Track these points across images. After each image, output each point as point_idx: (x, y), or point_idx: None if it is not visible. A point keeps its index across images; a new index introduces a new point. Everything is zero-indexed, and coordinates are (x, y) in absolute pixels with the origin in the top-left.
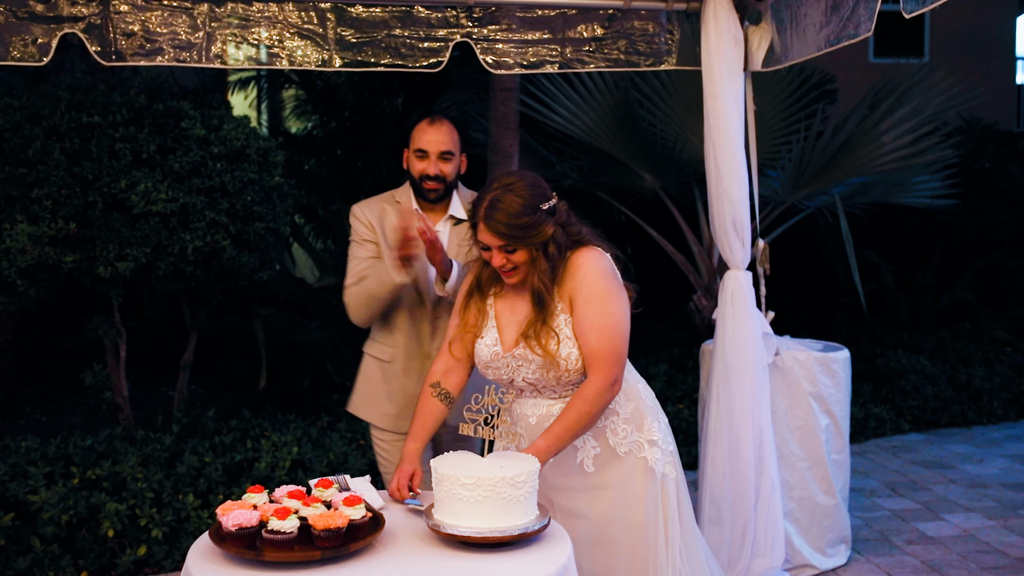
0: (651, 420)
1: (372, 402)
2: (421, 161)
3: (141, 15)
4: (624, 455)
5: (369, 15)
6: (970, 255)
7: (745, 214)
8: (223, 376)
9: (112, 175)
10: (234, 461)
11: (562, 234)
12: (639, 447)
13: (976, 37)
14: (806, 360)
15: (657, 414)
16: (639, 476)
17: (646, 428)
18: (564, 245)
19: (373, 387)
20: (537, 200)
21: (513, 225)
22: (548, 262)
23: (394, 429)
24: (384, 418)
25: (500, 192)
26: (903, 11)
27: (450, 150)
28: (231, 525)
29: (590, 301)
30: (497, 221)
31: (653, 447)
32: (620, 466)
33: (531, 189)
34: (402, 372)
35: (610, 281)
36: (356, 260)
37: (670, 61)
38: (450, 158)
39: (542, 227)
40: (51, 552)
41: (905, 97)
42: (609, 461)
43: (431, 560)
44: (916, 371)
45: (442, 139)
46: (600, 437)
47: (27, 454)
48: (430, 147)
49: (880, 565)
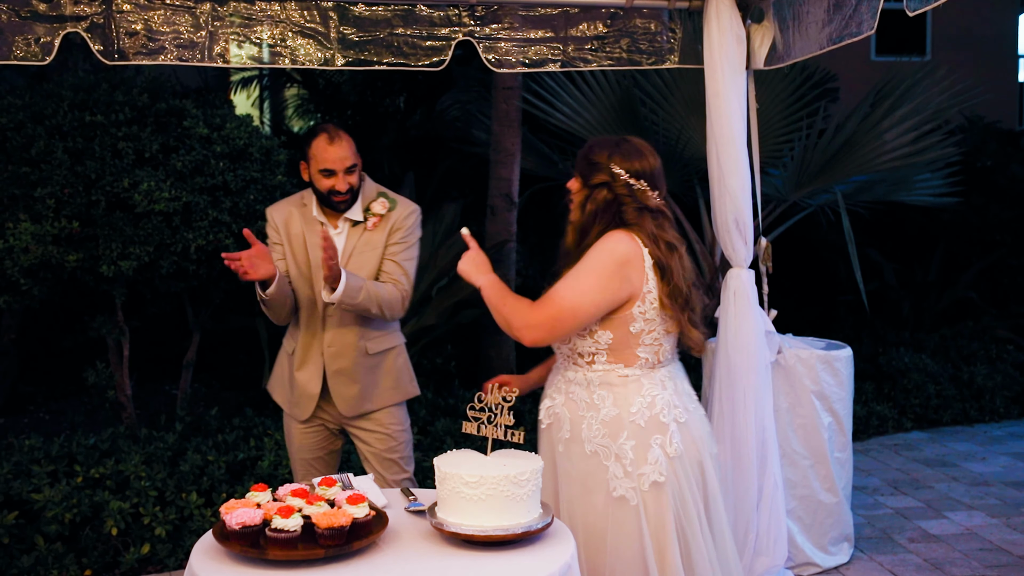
0: (627, 438)
1: (279, 389)
2: (328, 179)
3: (144, 14)
4: (590, 453)
5: (371, 14)
6: (972, 253)
7: (747, 212)
8: (226, 375)
9: (115, 174)
10: (237, 459)
11: (609, 202)
12: (606, 454)
13: (978, 35)
14: (809, 358)
15: (646, 436)
16: (599, 479)
17: (619, 443)
18: (606, 214)
19: (282, 372)
20: (613, 156)
21: (583, 153)
22: (582, 215)
23: (292, 415)
24: (286, 403)
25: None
26: (907, 9)
27: (354, 163)
28: (235, 523)
29: (580, 262)
30: (582, 148)
31: (617, 462)
32: (585, 461)
33: (620, 148)
34: (299, 364)
35: (604, 260)
36: None
37: (672, 59)
38: (354, 169)
39: (599, 174)
40: (55, 550)
41: (907, 95)
42: (575, 450)
43: (434, 558)
44: (918, 369)
45: (346, 155)
46: (576, 427)
47: (31, 453)
48: (336, 165)
49: (883, 563)
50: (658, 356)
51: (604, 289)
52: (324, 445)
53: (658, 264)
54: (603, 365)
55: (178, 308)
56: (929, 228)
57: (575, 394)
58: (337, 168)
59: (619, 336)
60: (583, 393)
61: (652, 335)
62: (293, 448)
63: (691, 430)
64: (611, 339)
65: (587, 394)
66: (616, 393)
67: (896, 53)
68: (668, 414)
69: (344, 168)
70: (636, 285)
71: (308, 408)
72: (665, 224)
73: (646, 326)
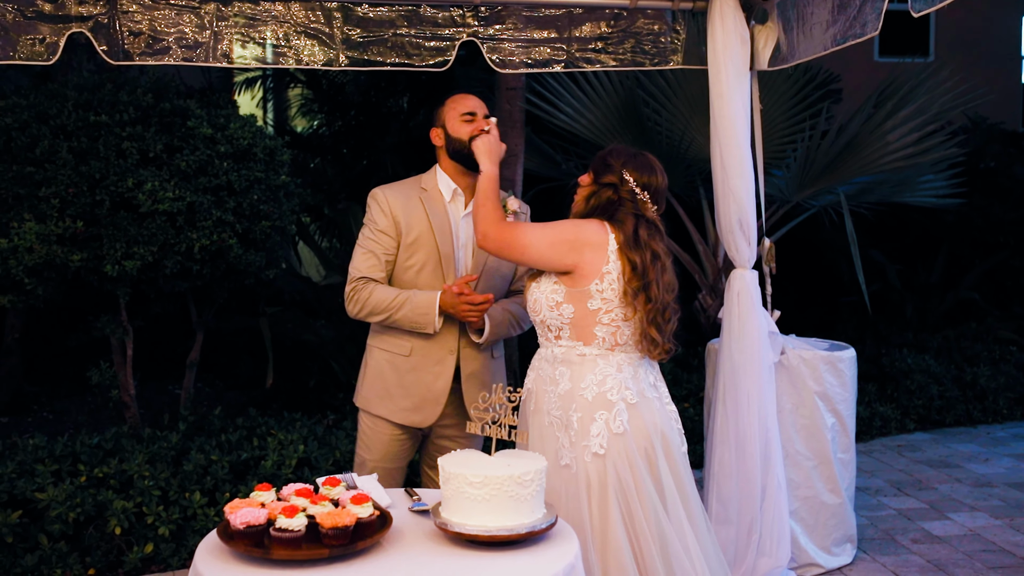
0: (575, 410)
1: (386, 398)
2: (470, 124)
3: (148, 14)
4: (547, 424)
5: (375, 14)
6: (976, 255)
7: (751, 213)
8: (229, 374)
9: (119, 174)
10: (241, 459)
11: (611, 201)
12: (558, 425)
13: (982, 37)
14: (812, 359)
15: (591, 410)
16: (552, 449)
17: (567, 415)
18: (604, 211)
19: (387, 382)
20: (628, 165)
21: (601, 155)
22: (584, 206)
23: (410, 423)
24: (400, 413)
25: (628, 148)
26: (911, 10)
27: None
28: (239, 523)
29: (554, 221)
30: (603, 149)
31: (565, 433)
32: (543, 431)
33: (635, 159)
34: (420, 365)
35: (567, 227)
36: (367, 253)
37: (676, 60)
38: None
39: (610, 175)
40: (58, 550)
41: (910, 96)
42: (537, 421)
43: (438, 558)
44: (921, 370)
45: (481, 103)
46: (539, 400)
47: (34, 452)
48: (478, 108)
49: (886, 564)
50: (615, 338)
51: (553, 246)
52: (409, 454)
53: (627, 257)
54: (567, 341)
55: (182, 308)
56: (932, 229)
57: (543, 370)
58: (478, 112)
59: (579, 311)
60: (548, 369)
61: (610, 315)
62: (377, 456)
63: (643, 414)
64: (572, 313)
65: (551, 370)
66: (573, 370)
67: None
68: (617, 393)
69: (483, 114)
70: (588, 261)
71: (434, 413)
72: (656, 236)
73: (603, 306)
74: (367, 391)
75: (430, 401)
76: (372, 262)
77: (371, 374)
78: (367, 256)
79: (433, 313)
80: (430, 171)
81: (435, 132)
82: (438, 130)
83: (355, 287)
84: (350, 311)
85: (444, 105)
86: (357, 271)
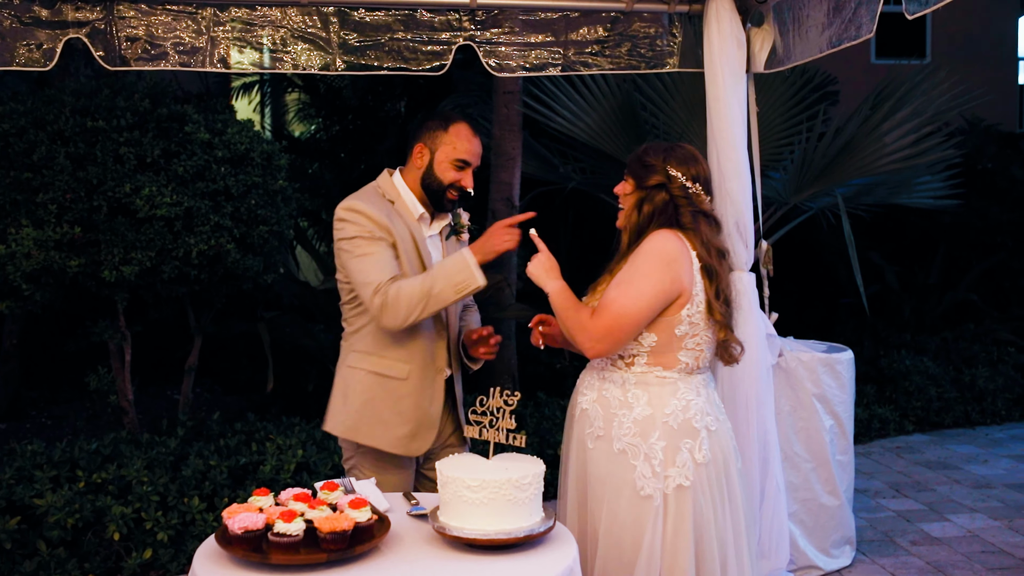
0: (659, 438)
1: (379, 426)
2: (459, 172)
3: (145, 20)
4: (618, 452)
5: (372, 19)
6: (973, 256)
7: (748, 215)
8: (228, 379)
9: (117, 179)
10: (239, 464)
11: (666, 203)
12: (635, 452)
13: (978, 38)
14: (810, 361)
15: (676, 439)
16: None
17: (649, 442)
18: (663, 215)
19: (377, 408)
20: (669, 160)
21: (636, 157)
22: (638, 216)
23: (407, 452)
24: (396, 442)
25: (661, 143)
26: (905, 12)
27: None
28: (237, 528)
29: (629, 264)
30: (634, 152)
31: (646, 462)
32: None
33: (674, 152)
34: (417, 390)
35: (653, 261)
36: (372, 258)
37: (672, 63)
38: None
39: (655, 175)
40: (57, 556)
41: (907, 98)
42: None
43: (436, 562)
44: (920, 372)
45: (481, 152)
46: (608, 424)
47: (33, 458)
48: (474, 160)
49: (884, 566)
50: (698, 362)
51: (657, 290)
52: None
53: (706, 268)
54: (642, 367)
55: (180, 313)
56: (930, 231)
57: (609, 391)
58: (473, 163)
59: (663, 339)
60: (617, 391)
61: (695, 339)
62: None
63: (720, 440)
64: (655, 342)
65: (621, 392)
66: (652, 393)
67: (896, 56)
68: (700, 420)
69: (477, 165)
70: (686, 284)
71: (429, 438)
72: (717, 231)
73: (690, 330)
74: (354, 418)
75: (426, 426)
76: (382, 264)
77: (356, 400)
78: (374, 260)
79: (470, 263)
80: (387, 180)
81: (420, 149)
82: (424, 149)
83: (382, 292)
84: (393, 320)
85: (446, 129)
86: (373, 279)
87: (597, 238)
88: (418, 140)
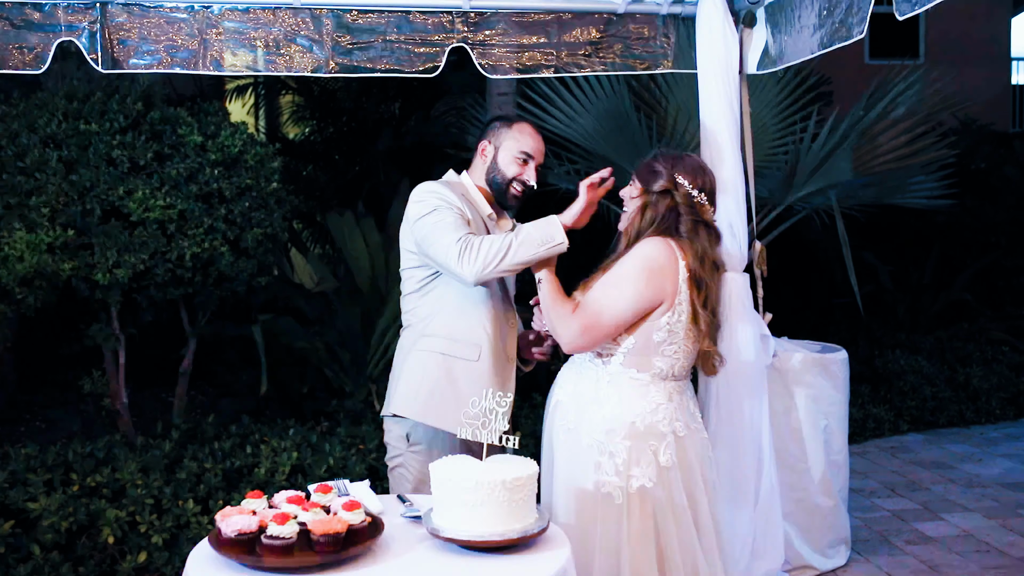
0: (624, 438)
1: (452, 403)
2: (523, 165)
3: (138, 23)
4: (587, 446)
5: (365, 21)
6: (967, 255)
7: (742, 216)
8: (222, 382)
9: (109, 182)
10: (233, 467)
11: (670, 209)
12: (601, 450)
13: (971, 38)
14: (804, 362)
15: (641, 441)
16: (590, 474)
17: (615, 441)
18: (665, 222)
19: (451, 387)
20: (677, 168)
21: (645, 163)
22: (641, 220)
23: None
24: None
25: (671, 151)
26: (896, 13)
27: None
28: (231, 531)
29: (615, 267)
30: (643, 158)
31: (610, 460)
32: (581, 452)
33: (683, 161)
34: (490, 373)
35: (636, 266)
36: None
37: (666, 64)
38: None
39: (660, 181)
40: (51, 559)
41: (901, 98)
42: (574, 440)
43: (430, 564)
44: (914, 371)
45: (543, 149)
46: (579, 419)
47: (26, 461)
48: (537, 154)
49: (880, 566)
50: (673, 369)
51: (638, 296)
52: None
53: (695, 279)
54: (617, 367)
55: (174, 316)
56: (924, 230)
57: (583, 387)
58: (536, 159)
59: (640, 343)
60: (591, 388)
61: (673, 347)
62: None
63: (688, 447)
64: (633, 344)
65: (595, 389)
66: (623, 393)
67: (890, 56)
68: (668, 425)
69: (540, 162)
70: (668, 292)
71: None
72: (715, 243)
73: (669, 338)
74: (427, 400)
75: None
76: (462, 227)
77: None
78: (457, 223)
79: (556, 222)
80: (456, 178)
81: (485, 146)
82: (489, 145)
83: (464, 239)
84: (470, 267)
85: (510, 126)
86: (457, 234)
87: (590, 239)
88: (483, 139)
